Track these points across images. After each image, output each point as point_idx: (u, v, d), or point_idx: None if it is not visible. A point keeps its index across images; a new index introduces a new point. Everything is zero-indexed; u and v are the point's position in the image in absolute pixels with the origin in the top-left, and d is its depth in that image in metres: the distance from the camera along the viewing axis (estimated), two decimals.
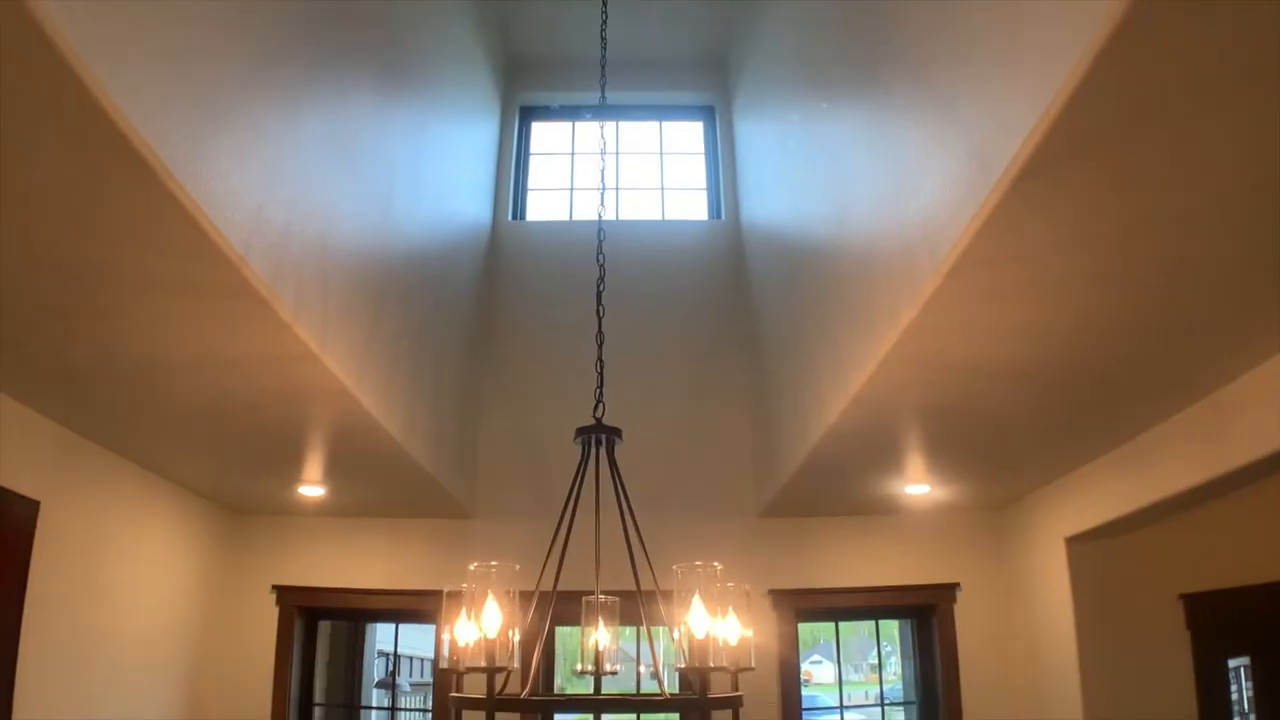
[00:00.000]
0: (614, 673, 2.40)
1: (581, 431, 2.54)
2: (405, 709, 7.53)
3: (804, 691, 5.17)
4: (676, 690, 2.98)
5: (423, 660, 7.73)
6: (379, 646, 6.36)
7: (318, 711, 5.35)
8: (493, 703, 1.96)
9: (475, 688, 2.07)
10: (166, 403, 3.30)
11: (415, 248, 4.01)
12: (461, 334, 4.97)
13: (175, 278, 2.29)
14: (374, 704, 6.34)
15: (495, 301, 5.62)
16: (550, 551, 2.36)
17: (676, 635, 2.21)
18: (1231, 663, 4.57)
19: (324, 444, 3.78)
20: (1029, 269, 2.25)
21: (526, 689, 2.24)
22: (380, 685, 6.56)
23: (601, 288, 2.84)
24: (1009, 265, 2.22)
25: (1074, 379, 3.03)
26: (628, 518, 2.41)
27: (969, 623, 5.15)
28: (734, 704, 2.11)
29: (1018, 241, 2.12)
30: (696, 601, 2.08)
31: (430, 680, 5.16)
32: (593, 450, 2.50)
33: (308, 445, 3.80)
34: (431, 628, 5.13)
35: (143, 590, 4.38)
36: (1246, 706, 4.61)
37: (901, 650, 5.79)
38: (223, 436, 3.73)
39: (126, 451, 4.09)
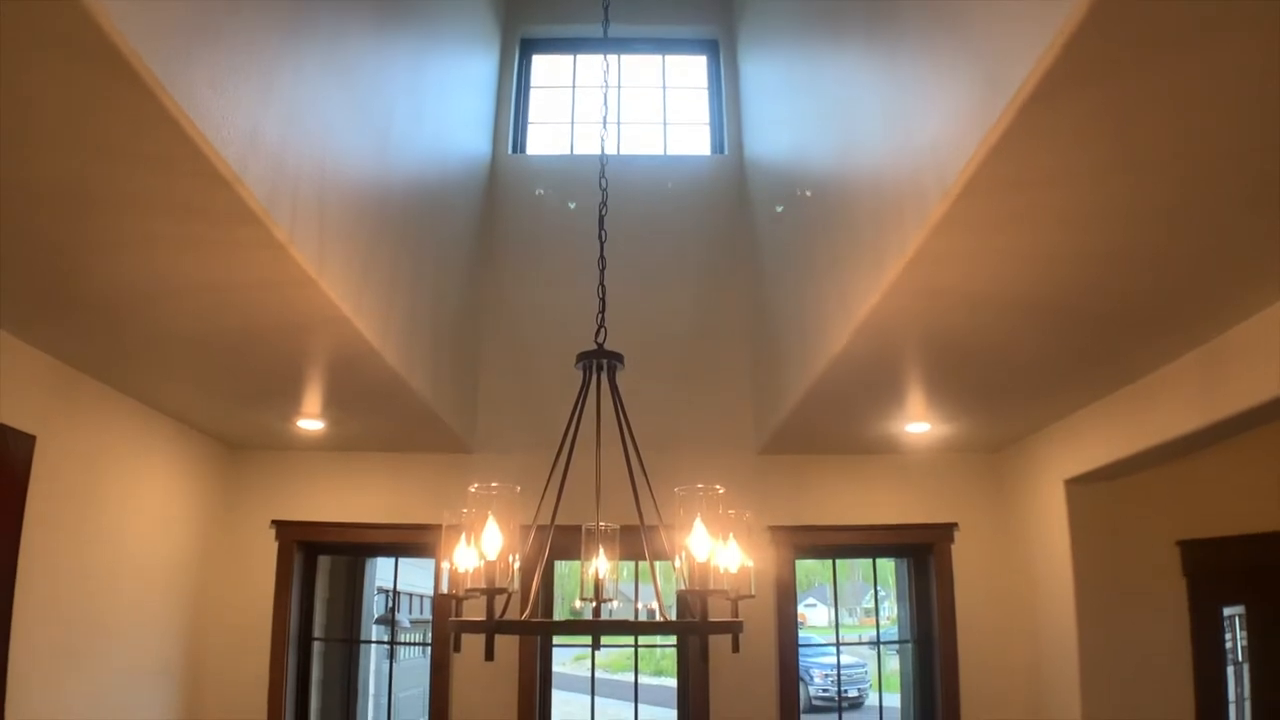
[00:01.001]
0: (611, 601, 2.39)
1: (583, 356, 2.51)
2: (406, 643, 7.61)
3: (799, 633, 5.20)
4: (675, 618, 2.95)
5: (422, 597, 7.78)
6: (379, 583, 6.40)
7: (317, 646, 5.39)
8: (493, 625, 1.95)
9: (475, 613, 2.07)
10: (163, 334, 3.26)
11: (414, 179, 3.96)
12: (461, 266, 4.92)
13: (169, 198, 2.24)
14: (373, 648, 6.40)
15: (495, 235, 5.57)
16: (550, 476, 2.34)
17: (678, 563, 2.20)
18: (1226, 611, 4.61)
19: (322, 375, 3.75)
20: (1037, 195, 2.20)
21: (526, 611, 2.23)
22: (380, 621, 6.61)
23: (604, 211, 2.79)
24: (1017, 191, 2.18)
25: (1078, 314, 3.00)
26: (629, 441, 2.39)
27: (966, 563, 5.17)
28: (734, 629, 2.10)
29: (1026, 168, 2.08)
30: (698, 524, 2.06)
31: (429, 618, 5.19)
32: (594, 376, 2.48)
33: (306, 376, 3.77)
34: (431, 565, 5.16)
35: (141, 525, 4.38)
36: (1240, 655, 4.64)
37: (897, 592, 5.82)
38: (220, 368, 3.70)
39: (124, 386, 4.06)
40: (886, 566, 5.83)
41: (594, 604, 2.33)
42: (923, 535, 5.20)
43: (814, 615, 18.64)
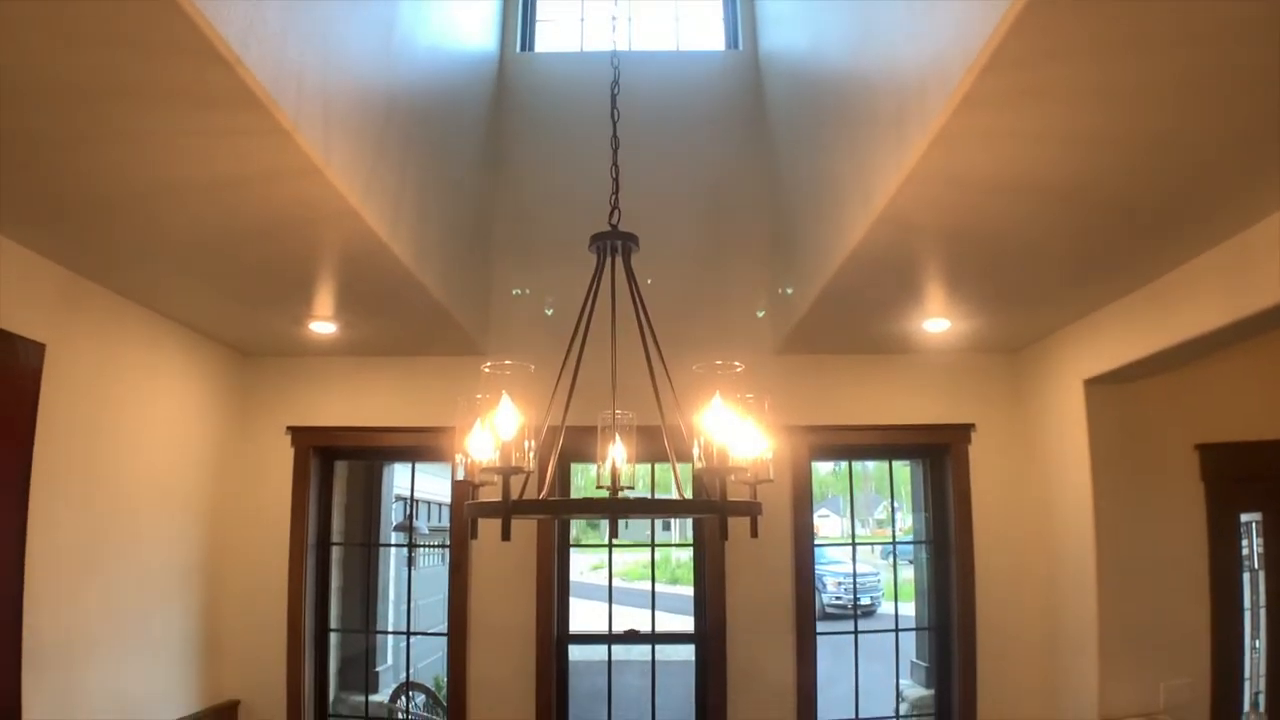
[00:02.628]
0: (629, 489, 2.37)
1: (596, 238, 2.45)
2: (424, 545, 7.67)
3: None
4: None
5: (441, 505, 7.83)
6: (396, 490, 6.44)
7: (336, 553, 5.45)
8: (509, 506, 1.92)
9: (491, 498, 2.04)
10: (167, 234, 3.20)
11: (421, 74, 3.85)
12: (470, 163, 4.82)
13: (169, 85, 2.15)
14: (391, 552, 6.46)
15: (504, 132, 5.45)
16: (566, 359, 2.30)
17: (696, 452, 2.17)
18: (1244, 517, 4.59)
19: (332, 273, 3.70)
20: (1063, 70, 2.11)
21: (544, 490, 2.21)
22: (398, 529, 6.67)
23: (616, 90, 2.69)
24: (1043, 65, 2.08)
25: (1103, 201, 2.91)
26: (644, 323, 2.34)
27: (983, 464, 5.15)
28: (753, 510, 2.08)
29: (1053, 40, 1.98)
30: (716, 401, 2.02)
31: (448, 525, 5.22)
32: (608, 258, 2.42)
33: (316, 275, 3.72)
34: (448, 472, 5.17)
35: (155, 434, 4.39)
36: (1257, 563, 4.64)
37: (912, 498, 5.82)
38: (228, 269, 3.65)
39: (133, 294, 4.03)
40: (901, 476, 5.82)
41: (611, 490, 2.31)
42: (940, 436, 5.17)
43: (827, 526, 18.82)
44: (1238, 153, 2.57)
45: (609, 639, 5.32)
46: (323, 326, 4.45)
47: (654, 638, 5.39)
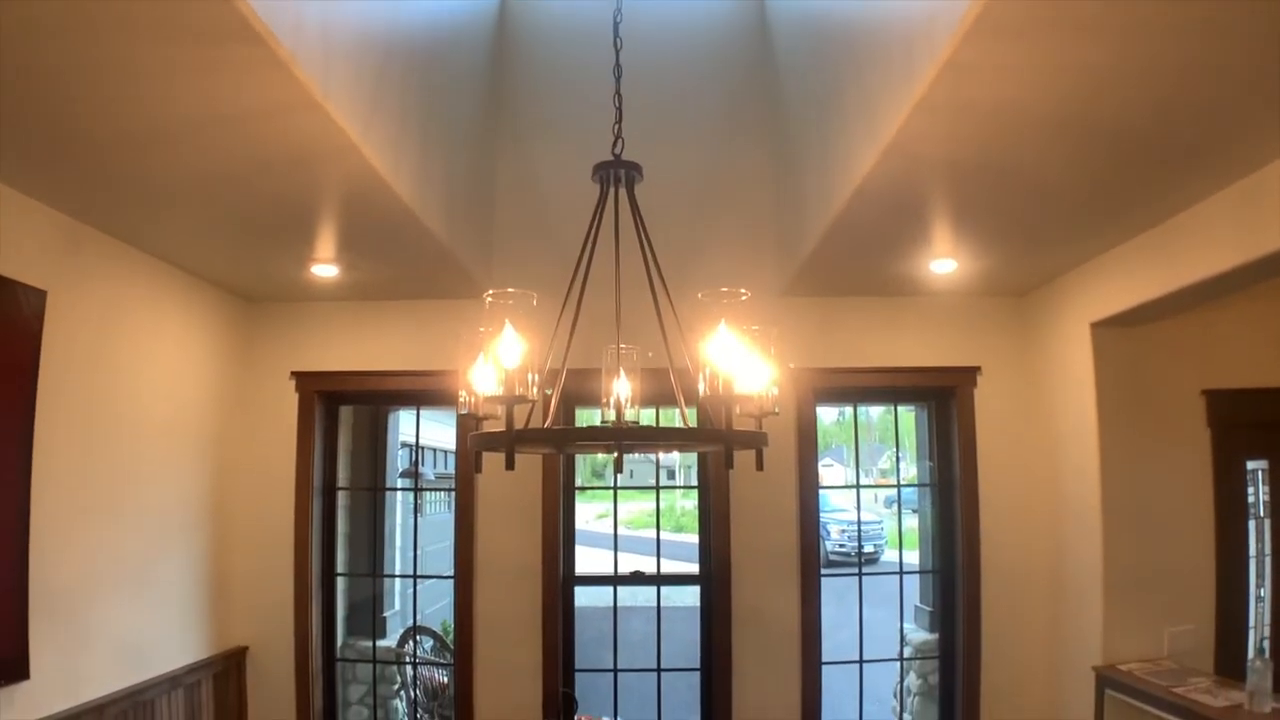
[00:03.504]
0: (635, 422, 2.36)
1: (600, 167, 2.41)
2: (430, 488, 7.71)
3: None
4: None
5: (446, 453, 7.87)
6: (402, 437, 6.45)
7: (342, 499, 5.46)
8: (513, 435, 1.91)
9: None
10: (169, 175, 3.16)
11: (421, 7, 3.76)
12: (473, 99, 4.73)
13: (165, 18, 2.10)
14: (398, 496, 6.49)
15: (506, 67, 5.34)
16: (569, 292, 2.28)
17: (701, 385, 2.14)
18: (1250, 464, 4.59)
19: (334, 213, 3.66)
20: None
21: (548, 420, 2.20)
22: (404, 475, 6.70)
23: (619, 18, 2.64)
24: None
25: (1112, 138, 2.86)
26: (648, 255, 2.31)
27: (989, 408, 5.13)
28: (758, 442, 2.05)
29: None
30: (722, 329, 1.99)
31: (453, 471, 5.23)
32: (612, 188, 2.38)
33: (317, 215, 3.68)
34: (453, 418, 5.17)
35: (159, 380, 4.38)
36: (1262, 510, 4.65)
37: (916, 443, 5.81)
38: (229, 211, 3.61)
39: (134, 239, 4.01)
40: (906, 425, 5.80)
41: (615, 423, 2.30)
42: (945, 378, 5.14)
43: (830, 475, 18.94)
44: (1251, 92, 2.53)
45: (614, 580, 5.35)
46: (325, 269, 4.41)
47: (659, 579, 5.40)
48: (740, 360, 2.00)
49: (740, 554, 5.05)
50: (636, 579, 5.42)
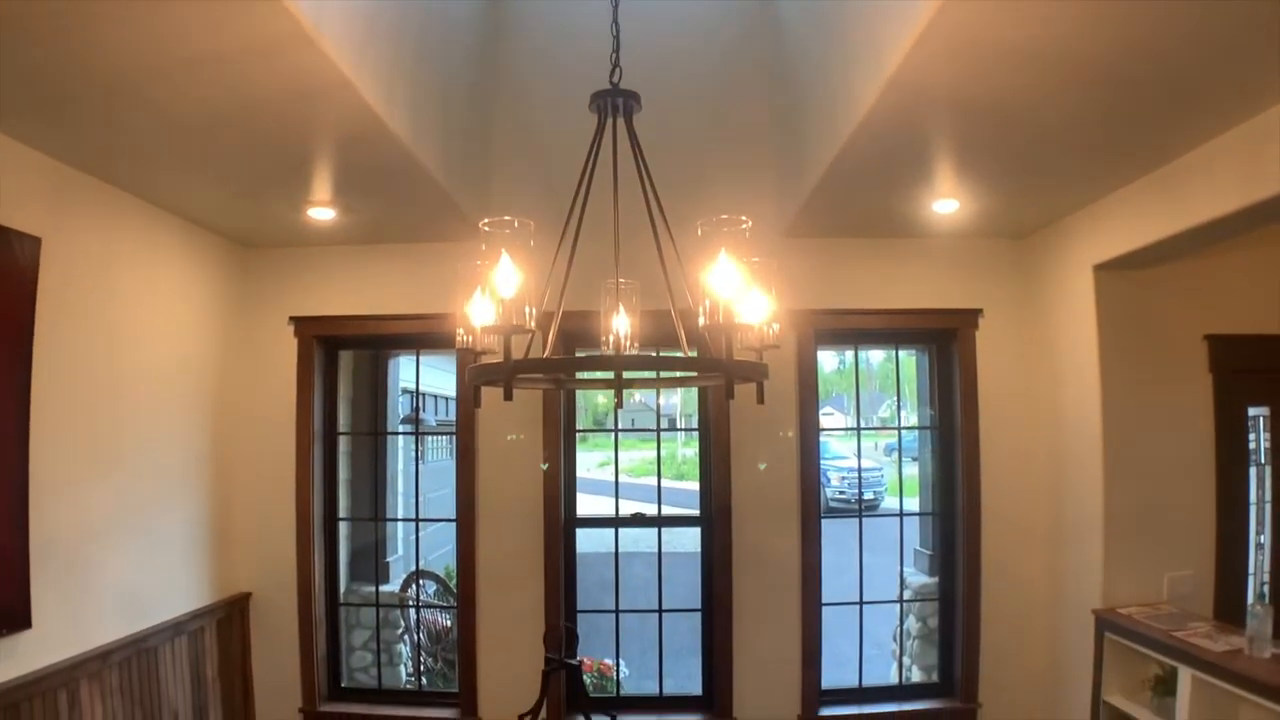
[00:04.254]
0: (635, 346, 2.34)
1: (597, 96, 2.36)
2: (432, 431, 7.70)
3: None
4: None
5: (447, 399, 7.86)
6: (402, 384, 6.44)
7: (344, 445, 5.47)
8: (511, 366, 1.89)
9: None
10: (162, 117, 3.10)
11: None
12: (468, 32, 4.63)
13: None
14: (399, 441, 6.50)
15: (502, 5, 5.22)
16: (568, 222, 2.24)
17: (701, 317, 2.12)
18: (1252, 411, 4.58)
19: (329, 153, 3.60)
20: None
21: (547, 350, 2.18)
22: (405, 422, 6.71)
23: None
24: None
25: (1117, 77, 2.82)
26: (647, 186, 2.28)
27: (990, 350, 5.11)
28: (758, 372, 2.03)
29: None
30: (722, 257, 1.96)
31: (454, 418, 5.22)
32: (609, 118, 2.34)
33: (313, 155, 3.62)
34: (453, 364, 5.16)
35: (156, 327, 4.36)
36: (1263, 457, 4.65)
37: (917, 390, 5.80)
38: (225, 152, 3.55)
39: (129, 185, 3.97)
40: (907, 373, 5.77)
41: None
42: (947, 320, 5.12)
43: (830, 424, 18.99)
44: (1257, 33, 2.50)
45: (615, 522, 5.37)
46: (321, 213, 4.37)
47: (660, 520, 5.42)
48: (740, 289, 1.97)
49: (741, 497, 5.07)
50: (637, 521, 5.44)
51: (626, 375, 2.28)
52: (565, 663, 2.18)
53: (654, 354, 3.66)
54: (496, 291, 1.96)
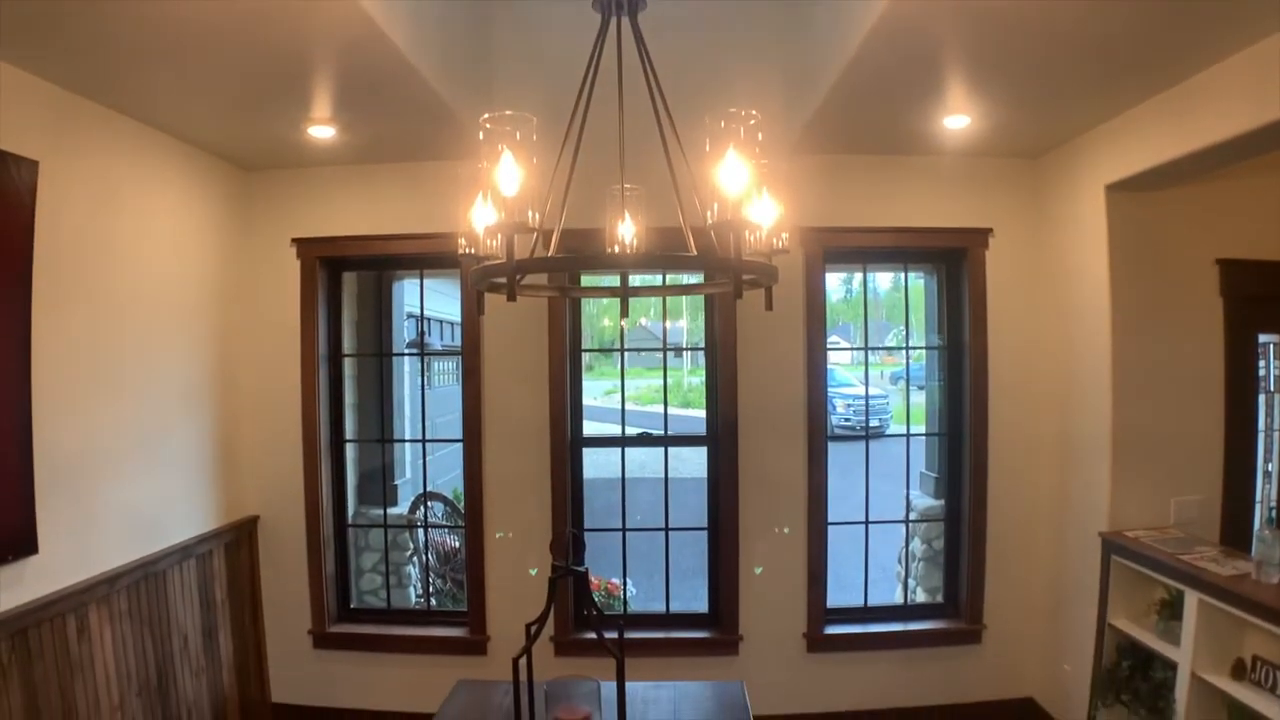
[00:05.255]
0: (634, 245, 2.29)
1: None
2: (438, 353, 7.66)
3: None
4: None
5: (453, 325, 7.82)
6: (407, 309, 6.41)
7: (349, 367, 5.45)
8: (514, 265, 1.84)
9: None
10: (158, 31, 3.03)
11: None
12: None
13: None
14: (405, 365, 6.48)
15: None
16: (566, 138, 2.18)
17: (710, 219, 2.06)
18: (1262, 338, 4.54)
19: (329, 67, 3.50)
20: None
21: (551, 250, 2.14)
22: (410, 346, 6.68)
23: None
24: None
25: None
26: (652, 82, 2.21)
27: (1000, 270, 5.06)
28: (767, 274, 1.99)
29: None
30: (731, 154, 1.90)
31: (459, 343, 5.18)
32: (613, 16, 2.26)
33: (312, 69, 3.52)
34: (458, 290, 5.10)
35: (158, 250, 4.31)
36: (1272, 385, 4.61)
37: (925, 315, 5.75)
38: (223, 67, 3.45)
39: (128, 108, 3.90)
40: (915, 301, 5.71)
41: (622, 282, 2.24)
42: (957, 240, 5.05)
43: (837, 353, 18.87)
44: None
45: (622, 441, 5.37)
46: (321, 130, 4.29)
47: (666, 440, 5.42)
48: (749, 187, 1.92)
49: (748, 416, 5.05)
50: (644, 440, 5.44)
51: (633, 284, 2.25)
52: (572, 569, 2.17)
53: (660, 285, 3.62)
54: (499, 189, 1.91)
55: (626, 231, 2.24)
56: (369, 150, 4.75)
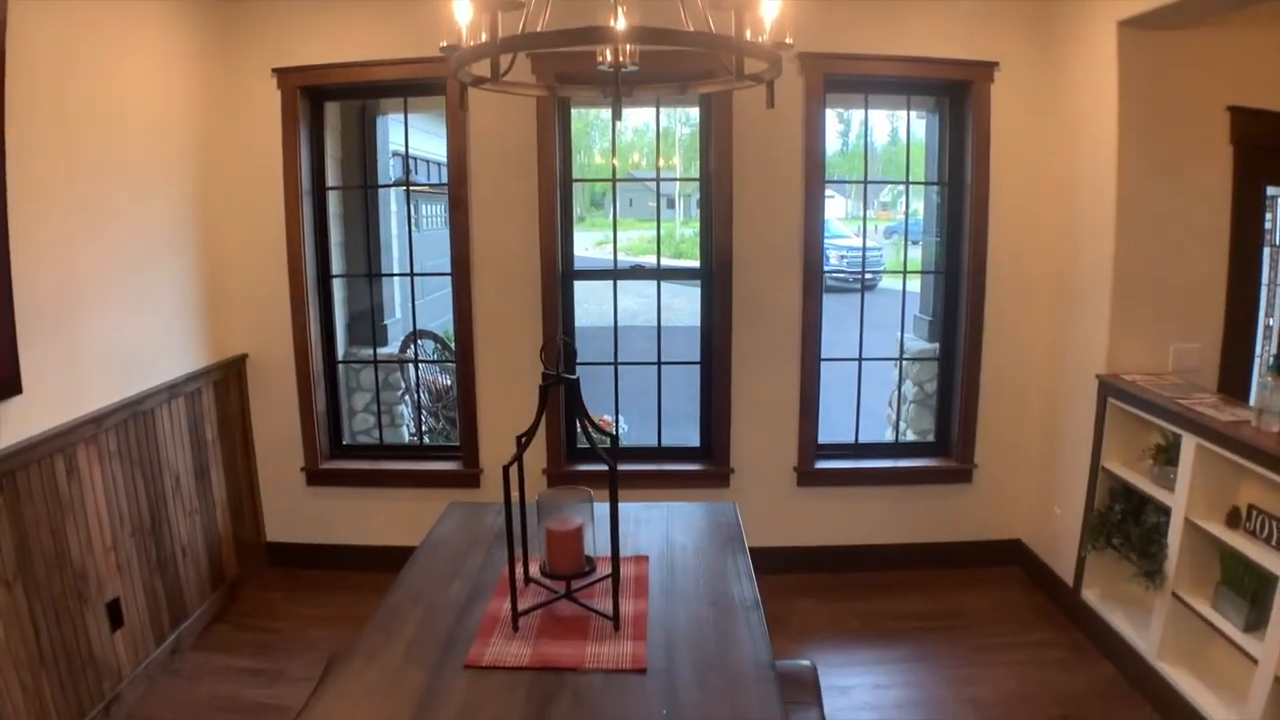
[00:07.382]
0: (636, 66, 2.16)
1: None
2: (423, 188, 7.47)
3: None
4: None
5: (439, 165, 7.62)
6: (392, 147, 6.22)
7: (334, 204, 5.31)
8: (497, 45, 1.71)
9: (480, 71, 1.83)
10: None
11: None
12: None
13: None
14: (392, 204, 6.33)
15: None
16: None
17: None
18: (1270, 191, 4.41)
19: None
20: None
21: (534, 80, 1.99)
22: (396, 184, 6.51)
23: None
24: None
25: None
26: None
27: (1005, 106, 4.88)
28: (771, 63, 1.86)
29: None
30: None
31: (446, 182, 5.01)
32: None
33: None
34: (443, 127, 4.90)
35: (136, 83, 4.10)
36: (1278, 238, 4.52)
37: (927, 147, 5.59)
38: None
39: None
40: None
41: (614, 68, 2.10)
42: (962, 72, 4.85)
43: (832, 207, 18.69)
44: None
45: (614, 275, 5.28)
46: None
47: (659, 273, 5.33)
48: None
49: (743, 249, 4.96)
50: (637, 273, 5.34)
51: (625, 84, 2.12)
52: (563, 377, 2.11)
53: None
54: None
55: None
56: None
